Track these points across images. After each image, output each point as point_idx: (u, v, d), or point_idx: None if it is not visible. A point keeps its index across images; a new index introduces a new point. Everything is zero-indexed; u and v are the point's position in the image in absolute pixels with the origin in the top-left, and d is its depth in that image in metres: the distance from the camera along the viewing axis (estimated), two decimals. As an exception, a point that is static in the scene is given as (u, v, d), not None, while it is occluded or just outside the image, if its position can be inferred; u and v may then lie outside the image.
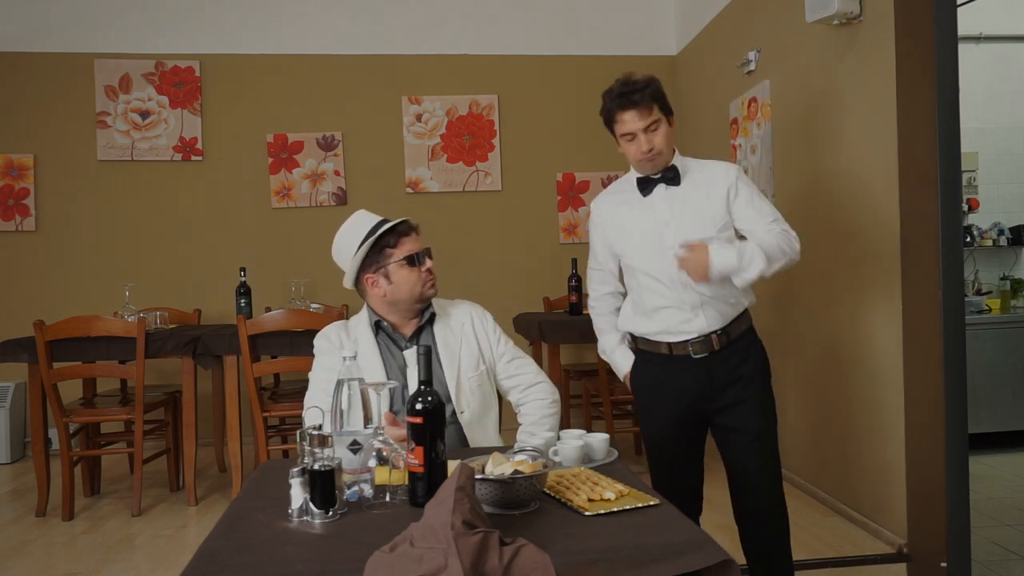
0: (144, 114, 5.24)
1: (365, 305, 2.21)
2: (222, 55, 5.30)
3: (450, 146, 5.46)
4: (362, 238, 2.10)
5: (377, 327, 2.17)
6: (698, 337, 2.19)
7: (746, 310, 2.26)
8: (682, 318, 2.20)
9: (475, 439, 2.16)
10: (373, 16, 5.40)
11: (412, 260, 2.11)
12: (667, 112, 2.21)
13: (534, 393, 2.24)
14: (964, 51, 3.00)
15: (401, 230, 2.14)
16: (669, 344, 2.23)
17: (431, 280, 2.15)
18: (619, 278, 2.39)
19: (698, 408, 2.26)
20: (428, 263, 2.15)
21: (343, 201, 5.33)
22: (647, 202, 2.24)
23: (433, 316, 2.20)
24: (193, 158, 5.28)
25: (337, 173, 5.37)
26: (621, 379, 2.41)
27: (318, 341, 2.19)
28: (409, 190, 5.42)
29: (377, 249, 2.11)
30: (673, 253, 2.13)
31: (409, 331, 2.18)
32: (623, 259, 2.31)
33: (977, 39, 5.02)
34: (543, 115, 5.54)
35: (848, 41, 3.34)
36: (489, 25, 5.49)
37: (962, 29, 2.72)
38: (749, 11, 4.36)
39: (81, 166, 5.19)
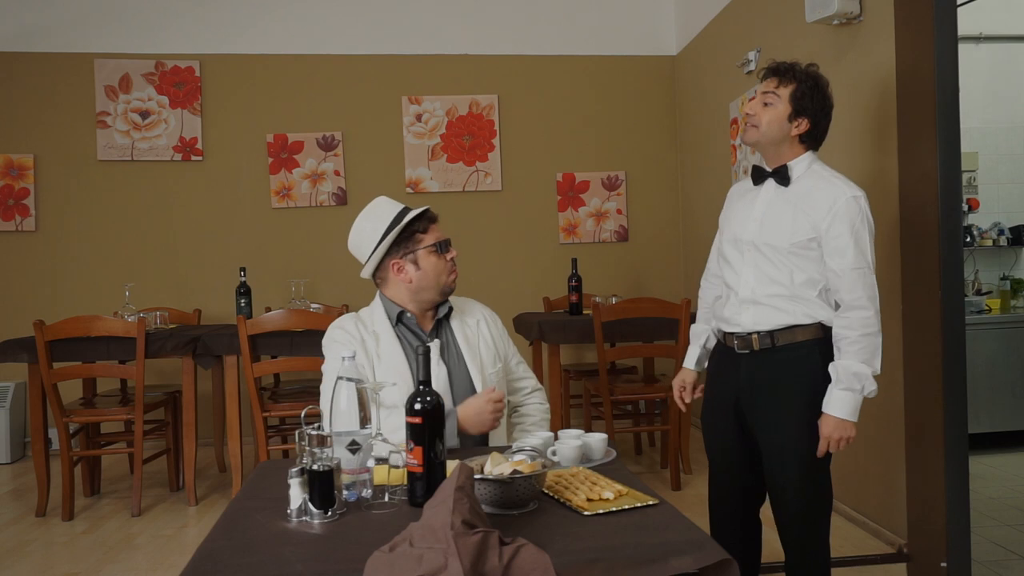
0: (144, 114, 5.24)
1: (379, 298, 2.16)
2: (222, 55, 5.30)
3: (450, 146, 5.46)
4: (388, 223, 2.07)
5: (399, 319, 2.12)
6: (742, 332, 2.18)
7: (813, 325, 2.12)
8: (735, 310, 2.21)
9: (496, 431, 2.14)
10: (373, 16, 5.40)
11: (440, 247, 2.10)
12: (799, 105, 2.13)
13: (536, 397, 2.33)
14: (964, 51, 3.00)
15: (429, 216, 2.13)
16: (725, 334, 2.26)
17: (455, 271, 2.14)
18: None
19: (740, 409, 2.22)
20: (453, 252, 2.13)
21: (343, 201, 5.33)
22: (756, 191, 2.24)
23: (450, 310, 2.18)
24: (193, 158, 5.28)
25: (337, 173, 5.37)
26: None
27: (334, 332, 2.11)
28: (409, 190, 5.42)
29: (407, 234, 2.08)
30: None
31: (428, 325, 2.15)
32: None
33: (977, 39, 5.02)
34: (543, 115, 5.54)
35: (848, 41, 3.33)
36: (489, 25, 5.49)
37: (962, 29, 2.72)
38: (749, 11, 4.36)
39: (81, 166, 5.19)
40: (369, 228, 2.09)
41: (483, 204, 5.49)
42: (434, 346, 2.10)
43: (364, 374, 1.91)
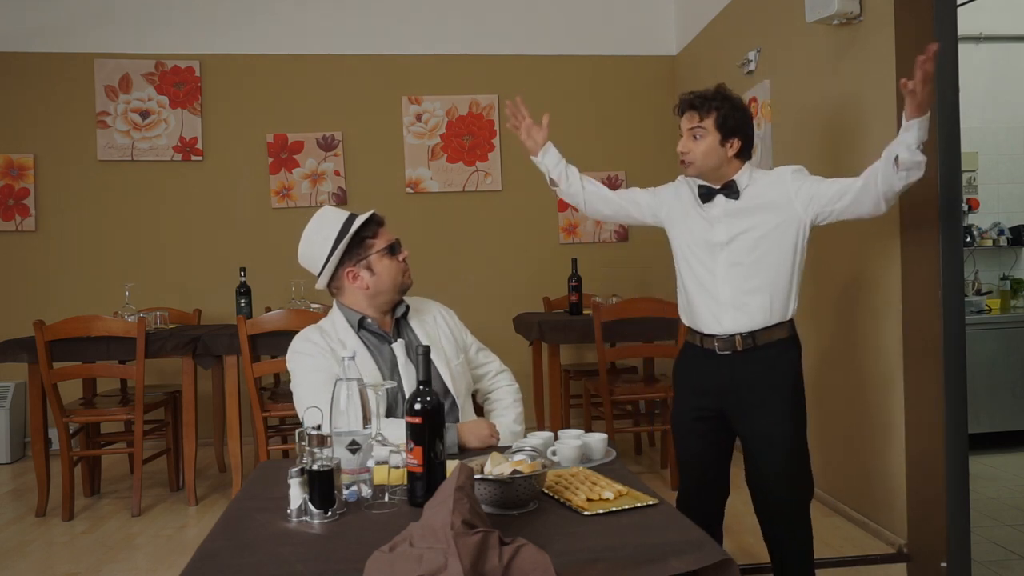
0: (144, 114, 5.23)
1: (336, 307, 2.17)
2: (222, 55, 5.30)
3: (450, 146, 5.46)
4: (336, 233, 2.09)
5: (360, 325, 2.13)
6: (723, 335, 2.27)
7: (785, 323, 2.27)
8: (713, 313, 2.29)
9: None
10: (373, 16, 5.40)
11: (392, 249, 2.13)
12: (726, 129, 2.25)
13: (503, 379, 2.36)
14: (964, 51, 3.00)
15: (377, 220, 2.16)
16: (701, 336, 2.33)
17: (408, 270, 2.17)
18: (631, 211, 2.52)
19: (720, 408, 2.32)
20: (405, 252, 2.17)
21: (343, 201, 5.33)
22: (707, 208, 2.32)
23: (407, 309, 2.21)
24: (193, 158, 5.28)
25: (337, 173, 5.36)
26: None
27: (302, 345, 2.10)
28: (409, 190, 5.42)
29: (357, 241, 2.10)
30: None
31: (389, 326, 2.18)
32: (671, 236, 2.43)
33: (977, 39, 5.02)
34: (543, 115, 5.52)
35: (848, 41, 3.33)
36: (489, 25, 5.49)
37: (962, 29, 2.72)
38: (749, 11, 4.35)
39: (81, 166, 5.19)
40: (318, 240, 2.10)
41: (483, 204, 5.49)
42: (399, 346, 2.13)
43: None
